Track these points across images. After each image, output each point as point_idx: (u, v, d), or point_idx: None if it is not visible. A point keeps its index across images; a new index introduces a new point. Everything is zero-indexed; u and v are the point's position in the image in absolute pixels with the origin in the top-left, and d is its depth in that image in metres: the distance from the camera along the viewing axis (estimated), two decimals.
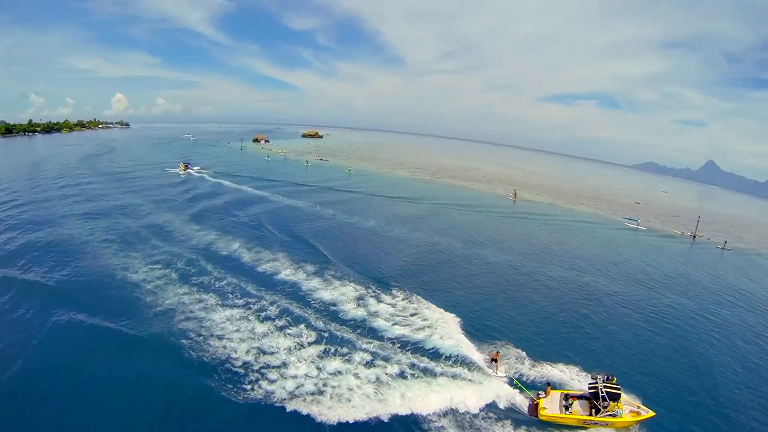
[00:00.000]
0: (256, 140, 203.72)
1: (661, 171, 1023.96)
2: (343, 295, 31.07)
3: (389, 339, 25.66)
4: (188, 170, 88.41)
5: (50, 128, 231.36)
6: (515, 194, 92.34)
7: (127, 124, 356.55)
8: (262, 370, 21.44)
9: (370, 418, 18.96)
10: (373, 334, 26.21)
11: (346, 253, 41.48)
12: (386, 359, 23.46)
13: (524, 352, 25.64)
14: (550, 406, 21.09)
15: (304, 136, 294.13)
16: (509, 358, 25.03)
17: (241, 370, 21.35)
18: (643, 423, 21.03)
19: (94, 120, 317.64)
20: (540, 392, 22.03)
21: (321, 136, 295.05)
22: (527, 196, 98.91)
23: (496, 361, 23.74)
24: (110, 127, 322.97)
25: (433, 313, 29.57)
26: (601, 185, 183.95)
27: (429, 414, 19.56)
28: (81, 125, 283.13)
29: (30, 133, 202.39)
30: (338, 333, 25.76)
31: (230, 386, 20.23)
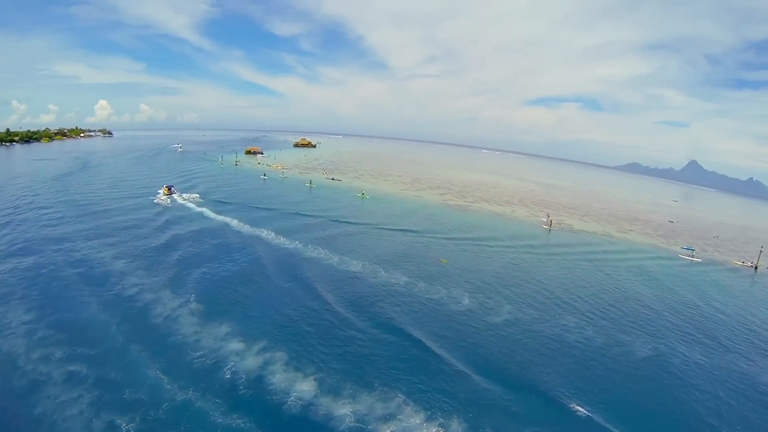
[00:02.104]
0: (248, 152, 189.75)
1: (644, 171, 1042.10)
2: None
3: None
4: (172, 195, 74.87)
5: (29, 138, 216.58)
6: (550, 222, 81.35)
7: (109, 133, 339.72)
8: None
9: None
10: None
11: (484, 378, 26.24)
12: None
13: None
14: None
15: (296, 145, 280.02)
16: None
17: None
18: None
19: (76, 128, 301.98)
20: None
21: (314, 146, 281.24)
22: (561, 220, 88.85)
23: None
24: (92, 136, 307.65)
25: None
26: (620, 199, 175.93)
27: None
28: (62, 134, 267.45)
29: (7, 143, 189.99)
30: None
31: None
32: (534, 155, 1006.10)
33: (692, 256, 70.58)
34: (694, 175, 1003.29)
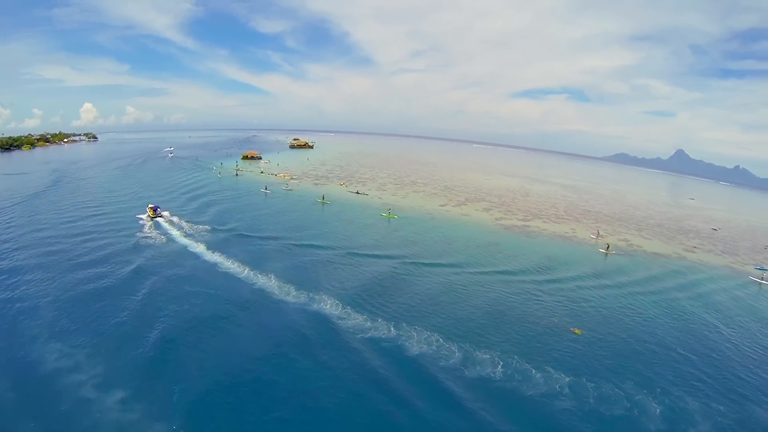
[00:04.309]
0: (246, 158, 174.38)
1: (632, 162, 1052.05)
2: None
3: None
4: (157, 217, 64.15)
5: (10, 145, 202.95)
6: (607, 246, 69.70)
7: (95, 137, 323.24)
8: None
9: None
10: None
11: None
12: None
13: None
14: None
15: (292, 146, 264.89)
16: None
17: None
18: None
19: (60, 133, 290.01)
20: None
21: (311, 146, 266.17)
22: (627, 239, 78.25)
23: None
24: (76, 141, 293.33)
25: None
26: (648, 201, 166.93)
27: None
28: (44, 140, 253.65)
29: None
30: None
31: None
32: (524, 148, 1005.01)
33: (761, 279, 62.31)
34: (681, 164, 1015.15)
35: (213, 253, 50.20)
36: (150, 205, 67.69)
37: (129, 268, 44.37)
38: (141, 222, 62.89)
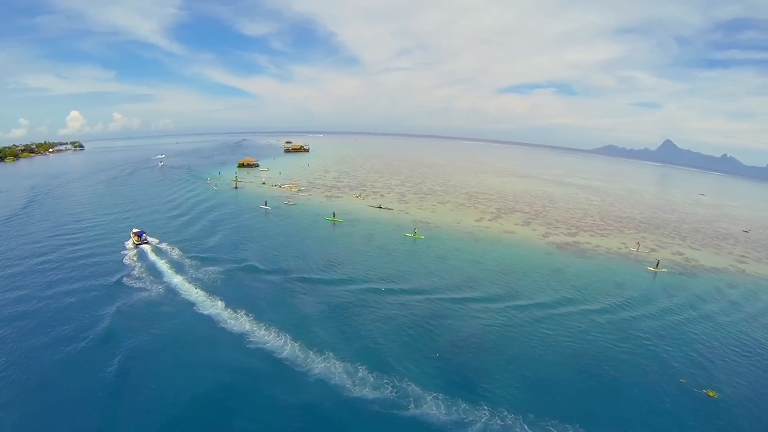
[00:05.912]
0: (242, 165, 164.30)
1: (621, 153, 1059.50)
2: None
3: None
4: (142, 244, 55.91)
5: None
6: (657, 263, 60.43)
7: (81, 146, 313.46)
8: None
9: None
10: None
11: None
12: None
13: None
14: None
15: (287, 151, 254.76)
16: None
17: None
18: None
19: (45, 143, 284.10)
20: None
21: (307, 150, 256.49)
22: (663, 250, 71.41)
23: None
24: (62, 151, 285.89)
25: None
26: (664, 200, 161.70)
27: None
28: (29, 150, 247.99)
29: None
30: None
31: None
32: (513, 143, 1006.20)
33: None
34: (669, 154, 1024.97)
35: (200, 292, 41.81)
36: (134, 230, 58.70)
37: (103, 326, 35.29)
38: (123, 253, 53.65)
